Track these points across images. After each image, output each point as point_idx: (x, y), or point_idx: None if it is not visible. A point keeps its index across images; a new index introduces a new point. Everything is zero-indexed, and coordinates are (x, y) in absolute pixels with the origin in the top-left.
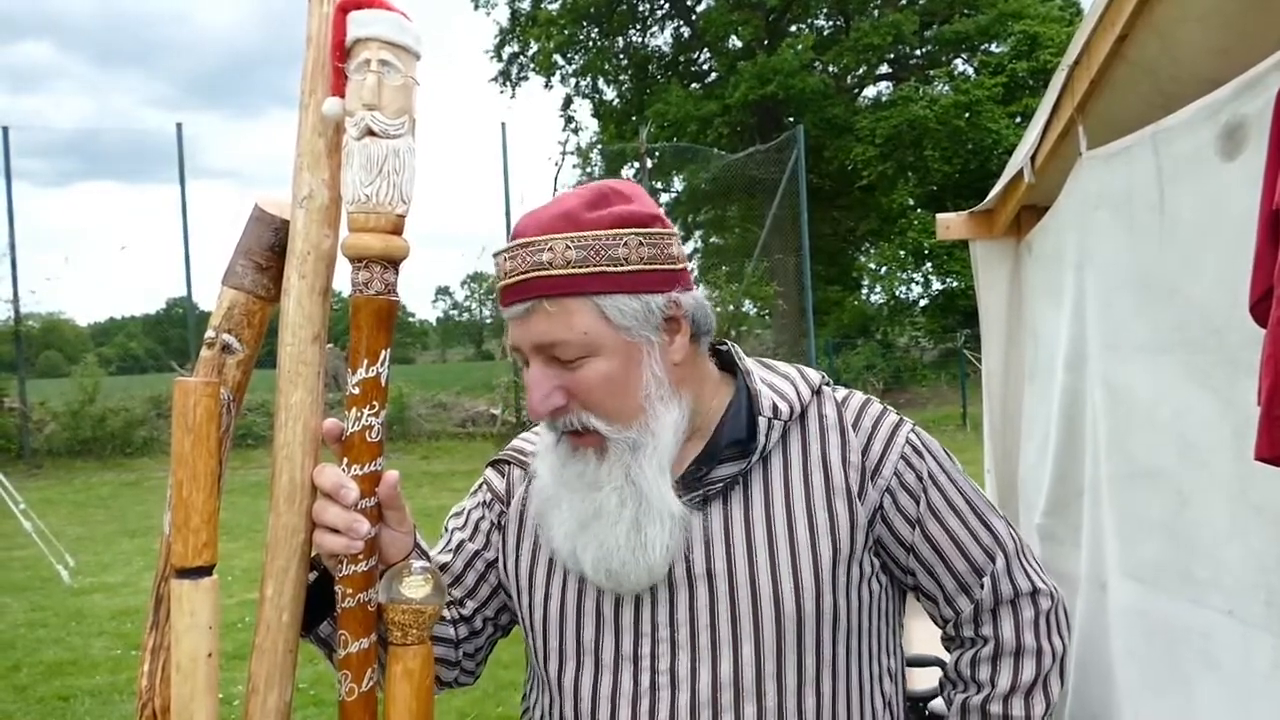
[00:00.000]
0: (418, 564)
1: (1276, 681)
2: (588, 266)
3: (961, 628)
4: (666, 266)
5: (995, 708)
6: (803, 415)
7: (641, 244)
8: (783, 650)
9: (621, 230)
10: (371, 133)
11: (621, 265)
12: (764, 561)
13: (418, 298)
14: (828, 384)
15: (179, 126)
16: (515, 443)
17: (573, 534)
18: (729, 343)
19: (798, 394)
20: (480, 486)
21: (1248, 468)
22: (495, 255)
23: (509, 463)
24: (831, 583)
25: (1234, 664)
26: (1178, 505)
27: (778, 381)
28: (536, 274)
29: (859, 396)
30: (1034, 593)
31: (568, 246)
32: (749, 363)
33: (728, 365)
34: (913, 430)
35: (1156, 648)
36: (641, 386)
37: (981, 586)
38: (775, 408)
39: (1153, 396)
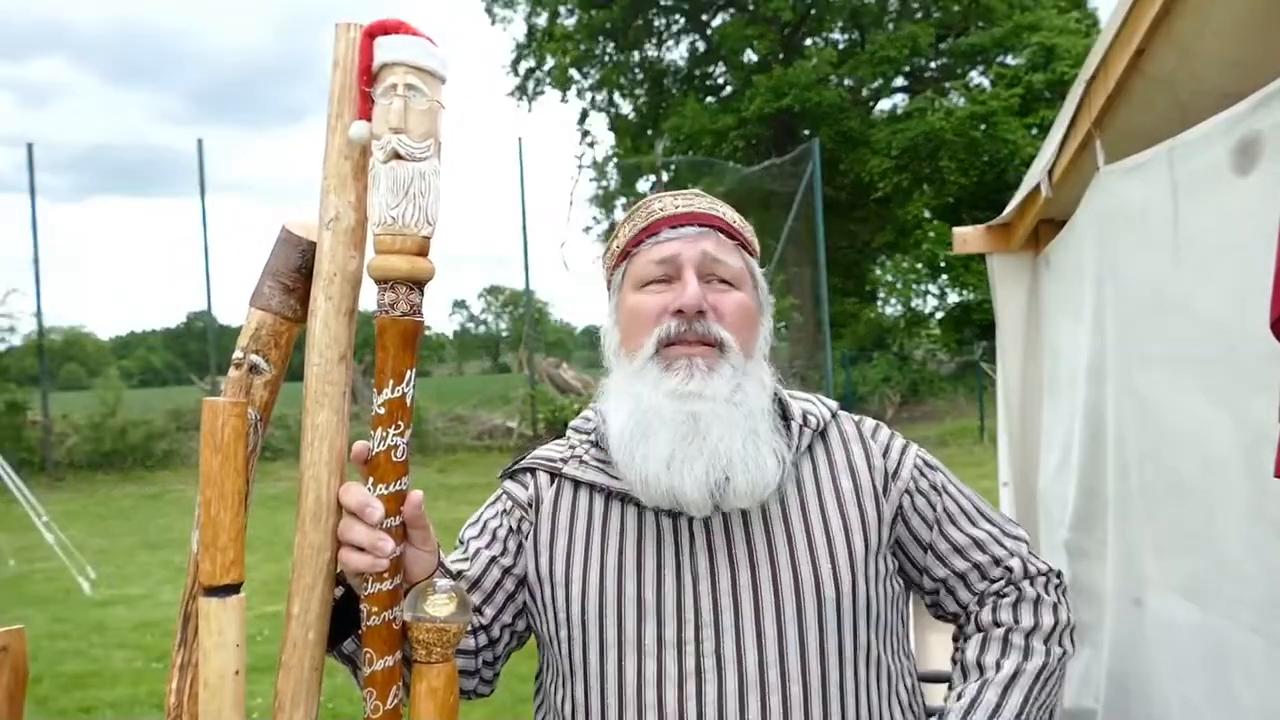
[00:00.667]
0: (442, 582)
1: None
2: (745, 235)
3: (985, 597)
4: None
5: (1017, 639)
6: (824, 432)
7: (755, 250)
8: (825, 633)
9: (751, 233)
10: (398, 156)
11: (755, 252)
12: (803, 551)
13: (434, 311)
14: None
15: (200, 143)
16: (539, 451)
17: (671, 450)
18: None
19: (819, 412)
20: (499, 497)
21: (1263, 484)
22: (651, 197)
23: (533, 470)
24: (864, 573)
25: (1266, 681)
26: (1205, 520)
27: (800, 402)
28: (716, 213)
29: (871, 419)
30: (1052, 571)
31: (729, 212)
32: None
33: None
34: (919, 450)
35: (1208, 663)
36: (759, 336)
37: (1010, 570)
38: (805, 415)
39: (1175, 411)
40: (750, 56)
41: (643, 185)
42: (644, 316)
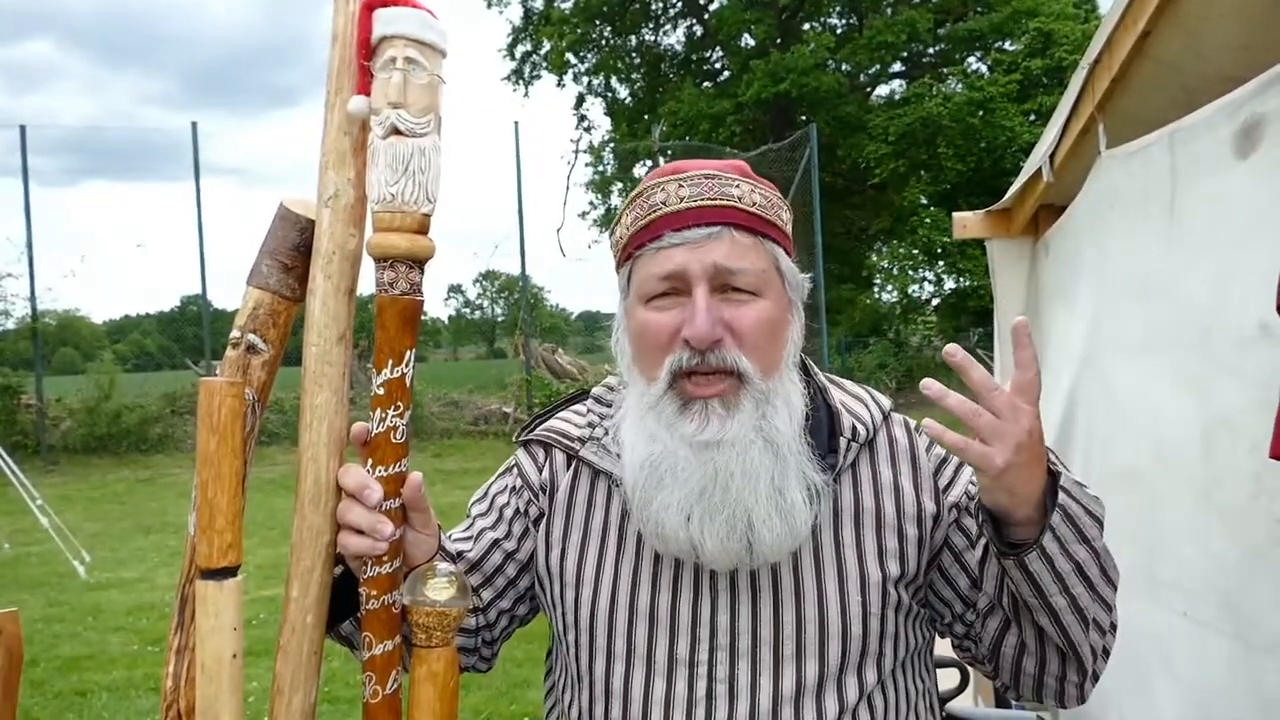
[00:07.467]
0: (442, 566)
1: (1233, 684)
2: (769, 214)
3: None
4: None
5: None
6: (872, 441)
7: (790, 220)
8: (845, 666)
9: (779, 198)
10: (397, 131)
11: (786, 227)
12: (832, 583)
13: (429, 295)
14: (895, 410)
15: (194, 125)
16: (554, 423)
17: (689, 505)
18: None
19: (870, 417)
20: (511, 469)
21: (1214, 469)
22: (652, 184)
23: (549, 446)
24: (895, 604)
25: (1190, 666)
26: (1149, 506)
27: (851, 403)
28: (727, 203)
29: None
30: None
31: (753, 190)
32: (823, 378)
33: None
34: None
35: (1124, 650)
36: (785, 345)
37: None
38: (854, 430)
39: (1136, 397)
40: (748, 41)
41: (639, 170)
42: (654, 338)
